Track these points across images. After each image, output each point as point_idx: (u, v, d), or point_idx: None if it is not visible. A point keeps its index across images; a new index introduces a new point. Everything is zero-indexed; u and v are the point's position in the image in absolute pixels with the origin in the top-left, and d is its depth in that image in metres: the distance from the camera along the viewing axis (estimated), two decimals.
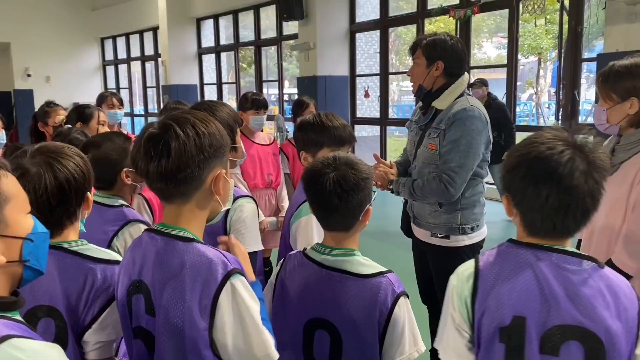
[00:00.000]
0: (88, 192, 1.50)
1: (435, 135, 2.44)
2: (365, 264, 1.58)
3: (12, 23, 15.26)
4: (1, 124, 3.29)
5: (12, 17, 15.22)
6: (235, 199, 1.88)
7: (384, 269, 1.58)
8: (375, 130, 9.95)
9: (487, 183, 2.68)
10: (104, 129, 3.13)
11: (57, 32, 15.96)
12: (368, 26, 9.62)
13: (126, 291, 1.38)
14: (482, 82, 6.53)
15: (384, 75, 9.39)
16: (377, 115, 9.75)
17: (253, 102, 3.71)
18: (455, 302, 1.35)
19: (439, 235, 2.51)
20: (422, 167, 2.52)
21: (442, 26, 13.00)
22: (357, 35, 9.75)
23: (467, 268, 1.38)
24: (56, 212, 1.43)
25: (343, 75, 9.70)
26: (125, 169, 2.02)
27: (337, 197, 1.53)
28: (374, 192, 1.64)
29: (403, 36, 13.90)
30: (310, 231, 1.95)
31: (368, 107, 10.19)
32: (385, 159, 8.72)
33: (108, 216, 1.93)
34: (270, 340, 1.32)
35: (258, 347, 1.29)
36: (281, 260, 1.72)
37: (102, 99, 4.34)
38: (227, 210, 1.86)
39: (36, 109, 13.38)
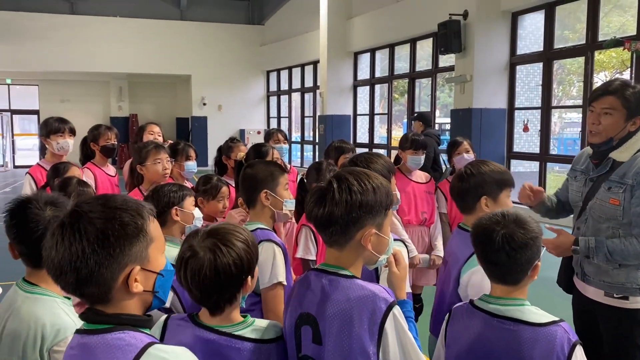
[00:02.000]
0: (249, 277, 1.52)
1: (620, 191, 2.27)
2: (537, 313, 1.61)
3: (193, 58, 17.33)
4: (194, 155, 3.78)
5: (194, 52, 17.29)
6: None
7: (556, 318, 1.61)
8: (533, 165, 9.46)
9: None
10: None
11: (230, 65, 17.75)
12: (530, 58, 9.24)
13: (294, 322, 1.56)
14: (417, 117, 7.18)
15: (546, 108, 8.93)
16: (536, 150, 9.25)
17: (412, 142, 3.83)
18: None
19: (615, 296, 2.33)
20: (597, 222, 2.37)
21: (613, 56, 12.01)
22: (518, 67, 9.43)
23: None
24: (213, 297, 1.49)
25: (500, 108, 9.42)
26: (266, 190, 2.20)
27: (505, 254, 1.60)
28: (543, 247, 1.66)
29: (568, 66, 13.06)
30: (482, 281, 1.98)
31: (527, 141, 9.69)
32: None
33: None
34: (424, 358, 1.47)
35: None
36: (447, 314, 1.81)
37: (269, 136, 4.74)
38: None
39: (208, 135, 14.80)
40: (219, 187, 3.10)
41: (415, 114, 7.38)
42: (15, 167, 18.75)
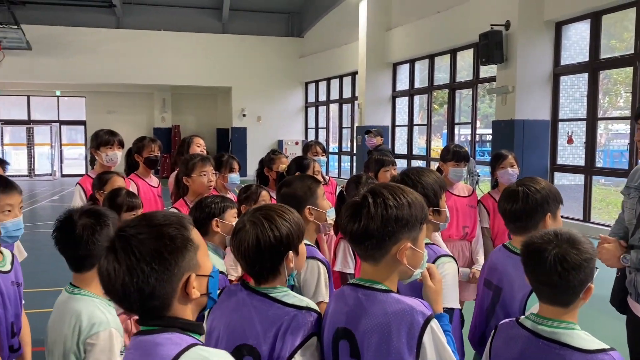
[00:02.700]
0: (290, 252, 1.63)
1: None
2: (586, 339, 1.56)
3: (234, 70, 17.64)
4: (237, 167, 3.85)
5: (234, 65, 17.61)
6: (437, 257, 1.98)
7: (606, 346, 1.55)
8: (578, 178, 9.20)
9: None
10: (318, 177, 3.50)
11: (269, 77, 18.00)
12: (575, 69, 9.03)
13: (332, 337, 1.58)
14: (379, 133, 7.68)
15: (591, 120, 8.68)
16: (581, 162, 9.01)
17: (454, 154, 3.77)
18: None
19: None
20: None
21: None
22: (562, 78, 9.22)
23: None
24: (256, 266, 1.62)
25: (544, 120, 9.22)
26: (309, 206, 2.23)
27: (557, 275, 1.55)
28: (597, 268, 1.61)
29: (615, 76, 12.69)
30: None
31: (571, 153, 9.44)
32: (589, 210, 7.86)
33: None
34: None
35: None
36: (493, 331, 1.77)
37: (307, 148, 4.76)
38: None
39: (247, 145, 15.06)
40: (258, 192, 3.17)
41: (373, 129, 7.84)
42: (63, 175, 19.44)
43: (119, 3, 16.95)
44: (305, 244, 2.20)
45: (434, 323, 1.46)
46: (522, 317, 1.69)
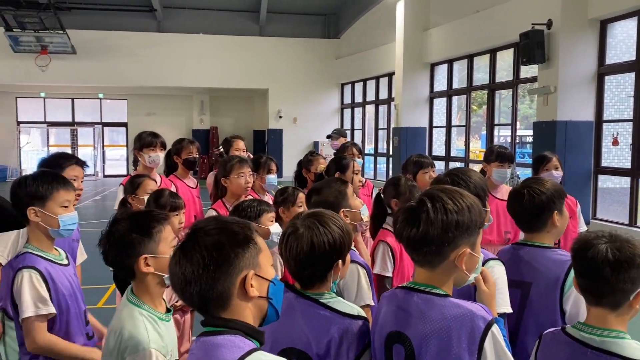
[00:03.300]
0: (339, 261, 1.63)
1: None
2: (637, 348, 1.50)
3: (271, 72, 17.79)
4: (275, 168, 3.87)
5: (271, 67, 17.76)
6: (486, 261, 1.94)
7: None
8: (623, 181, 8.90)
9: None
10: (358, 177, 3.50)
11: (306, 78, 18.07)
12: (621, 68, 8.73)
13: (384, 340, 1.55)
14: (340, 133, 7.26)
15: (638, 121, 8.38)
16: (627, 164, 8.71)
17: (498, 155, 3.69)
18: None
19: None
20: None
21: None
22: (607, 77, 8.93)
23: None
24: (306, 270, 1.62)
25: (587, 121, 8.94)
26: (343, 209, 2.22)
27: (609, 266, 1.51)
28: None
29: None
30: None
31: (616, 155, 9.16)
32: (636, 214, 7.59)
33: None
34: None
35: None
36: (537, 340, 1.73)
37: (344, 149, 4.76)
38: None
39: (284, 146, 15.12)
40: (295, 194, 3.17)
41: (334, 133, 7.47)
42: (105, 176, 19.98)
43: (159, 7, 17.33)
44: None
45: (495, 328, 1.43)
46: (568, 326, 1.64)
